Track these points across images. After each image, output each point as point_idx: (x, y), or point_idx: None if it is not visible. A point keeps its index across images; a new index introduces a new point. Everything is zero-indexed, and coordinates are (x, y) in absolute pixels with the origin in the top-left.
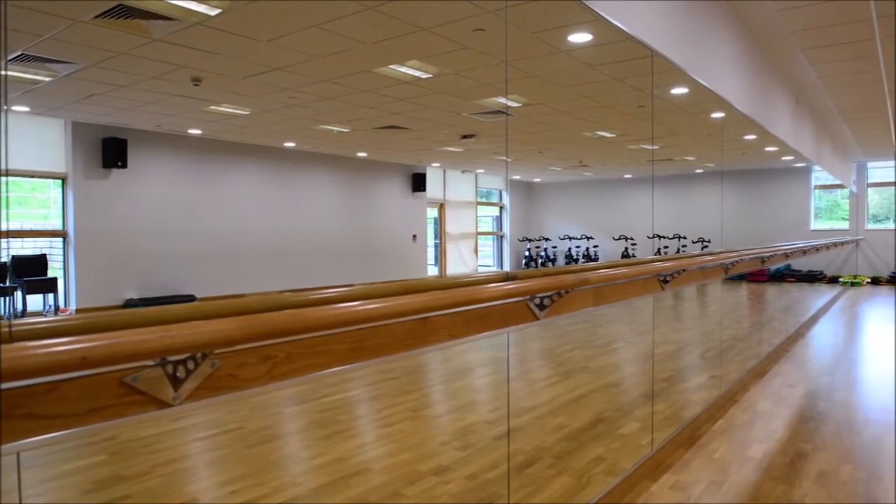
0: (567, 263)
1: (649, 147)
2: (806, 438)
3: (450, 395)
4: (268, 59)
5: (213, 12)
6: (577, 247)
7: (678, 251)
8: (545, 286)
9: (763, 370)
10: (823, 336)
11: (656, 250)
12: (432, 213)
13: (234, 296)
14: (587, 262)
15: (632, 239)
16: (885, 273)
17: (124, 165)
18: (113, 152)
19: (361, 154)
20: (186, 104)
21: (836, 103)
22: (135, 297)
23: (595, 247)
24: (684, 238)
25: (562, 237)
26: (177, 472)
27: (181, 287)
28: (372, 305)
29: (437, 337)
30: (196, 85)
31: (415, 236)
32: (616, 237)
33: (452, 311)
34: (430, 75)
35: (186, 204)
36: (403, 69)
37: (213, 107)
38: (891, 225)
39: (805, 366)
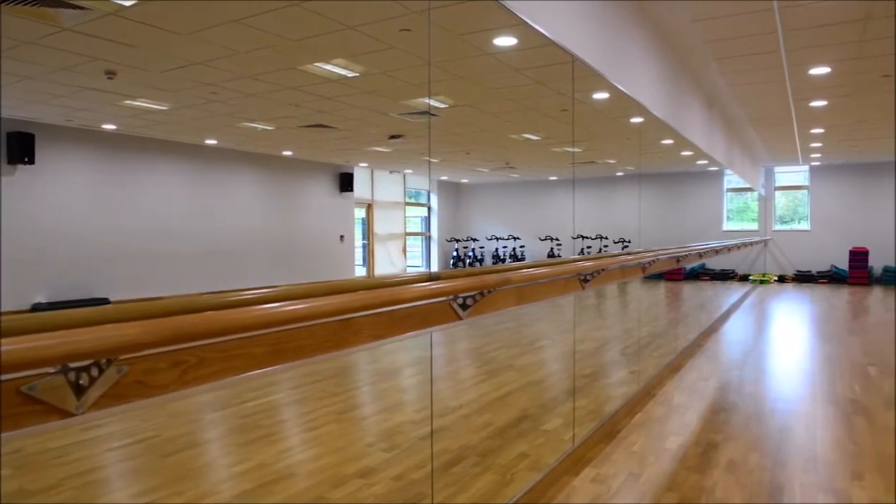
0: (494, 263)
1: (575, 150)
2: (717, 429)
3: (376, 396)
4: (187, 54)
5: (128, 3)
6: (504, 247)
7: (600, 251)
8: (468, 286)
9: (679, 365)
10: (735, 331)
11: (580, 250)
12: (360, 213)
13: (152, 299)
14: (514, 262)
15: (557, 239)
16: (790, 271)
17: (31, 161)
18: (18, 148)
19: (287, 152)
20: (100, 98)
21: (746, 111)
22: (43, 301)
23: (522, 247)
24: (606, 238)
25: (489, 237)
26: (88, 484)
27: (95, 290)
28: (291, 307)
29: (359, 338)
30: (110, 78)
31: (342, 237)
32: (542, 238)
33: (375, 311)
34: (357, 74)
35: (101, 202)
36: (329, 67)
37: (128, 101)
38: (796, 226)
39: (717, 360)
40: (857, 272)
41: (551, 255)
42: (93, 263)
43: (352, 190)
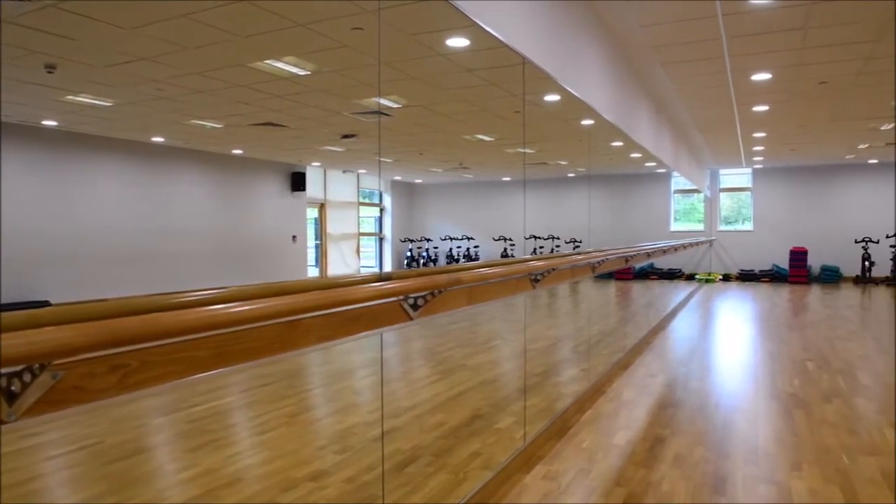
0: (448, 263)
1: (527, 151)
2: (665, 424)
3: (329, 398)
4: (131, 48)
5: None
6: (459, 247)
7: (552, 251)
8: (419, 286)
9: (628, 362)
10: (681, 329)
11: (533, 250)
12: (312, 213)
13: (95, 301)
14: (468, 262)
15: (511, 240)
16: (734, 270)
17: None
18: None
19: (237, 151)
20: (39, 92)
21: (692, 115)
22: None
23: (476, 247)
24: (558, 239)
25: (443, 238)
26: (27, 494)
27: (33, 292)
28: (236, 308)
29: (307, 340)
30: (50, 72)
31: (294, 237)
32: (496, 238)
33: (324, 312)
34: (308, 72)
35: (40, 201)
36: (280, 65)
37: (70, 96)
38: (740, 227)
39: (665, 357)
40: (797, 271)
41: (505, 255)
42: (32, 265)
43: (304, 189)
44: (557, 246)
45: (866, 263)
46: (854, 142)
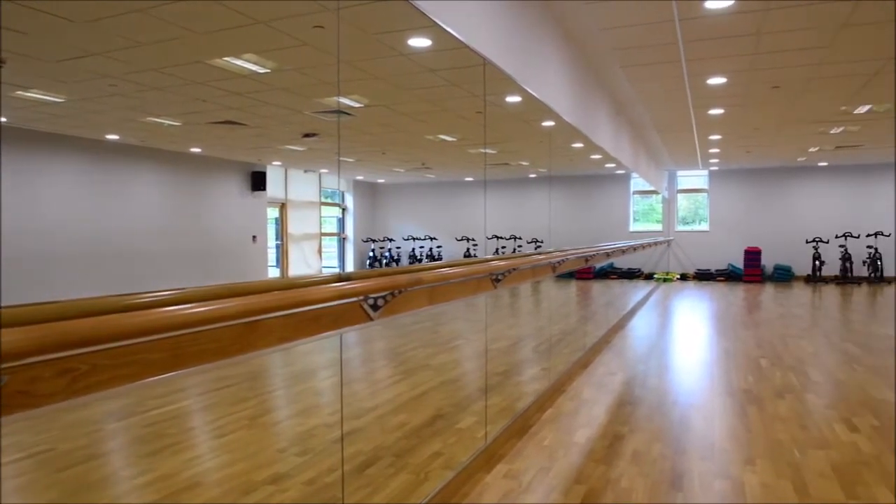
0: (411, 263)
1: (489, 151)
2: (623, 422)
3: (290, 399)
4: (85, 43)
5: None
6: (421, 247)
7: (514, 251)
8: (379, 286)
9: (588, 361)
10: (640, 328)
11: (495, 250)
12: (273, 213)
13: (45, 303)
14: (431, 262)
15: (473, 240)
16: (691, 270)
17: None
18: None
19: (195, 149)
20: None
21: (651, 117)
22: None
23: (439, 247)
24: (520, 239)
25: (406, 238)
26: None
27: None
28: (190, 310)
29: (266, 341)
30: None
31: (255, 237)
32: (459, 238)
33: (283, 313)
34: (269, 70)
35: None
36: (239, 62)
37: (20, 92)
38: (697, 227)
39: (624, 355)
40: (751, 270)
41: (468, 255)
42: None
43: (264, 189)
44: (519, 246)
45: (817, 263)
46: (805, 145)
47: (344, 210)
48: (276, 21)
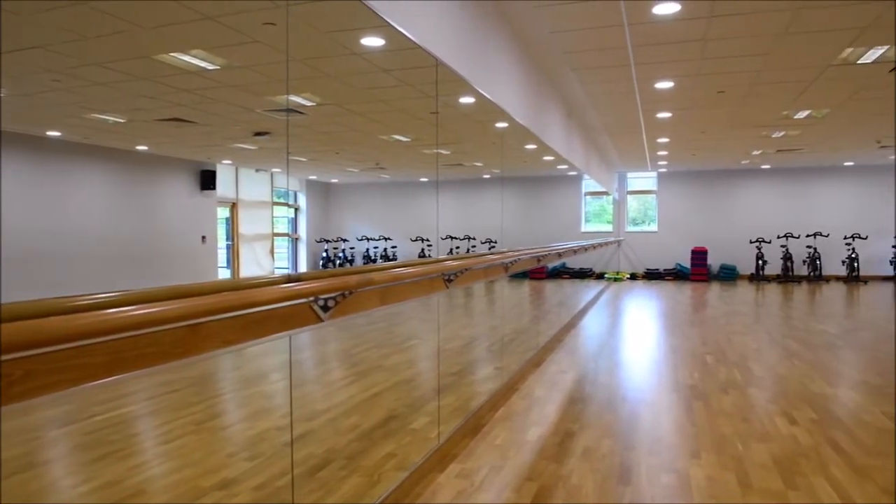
0: (365, 264)
1: (443, 152)
2: (574, 419)
3: (240, 403)
4: (23, 36)
5: None
6: (376, 248)
7: (468, 251)
8: (329, 287)
9: (540, 360)
10: (591, 326)
11: (449, 250)
12: (224, 212)
13: None
14: (385, 262)
15: (428, 240)
16: (641, 269)
17: None
18: None
19: (142, 147)
20: None
21: (601, 120)
22: None
23: (394, 248)
24: (474, 239)
25: (360, 238)
26: None
27: None
28: (131, 312)
29: (210, 344)
30: None
31: (204, 237)
32: (413, 238)
33: (228, 315)
34: (218, 67)
35: None
36: (187, 58)
37: None
38: (646, 227)
39: (575, 353)
40: (698, 269)
41: (422, 255)
42: None
43: (214, 188)
44: (473, 246)
45: (760, 262)
46: (748, 148)
47: (297, 210)
48: (225, 17)
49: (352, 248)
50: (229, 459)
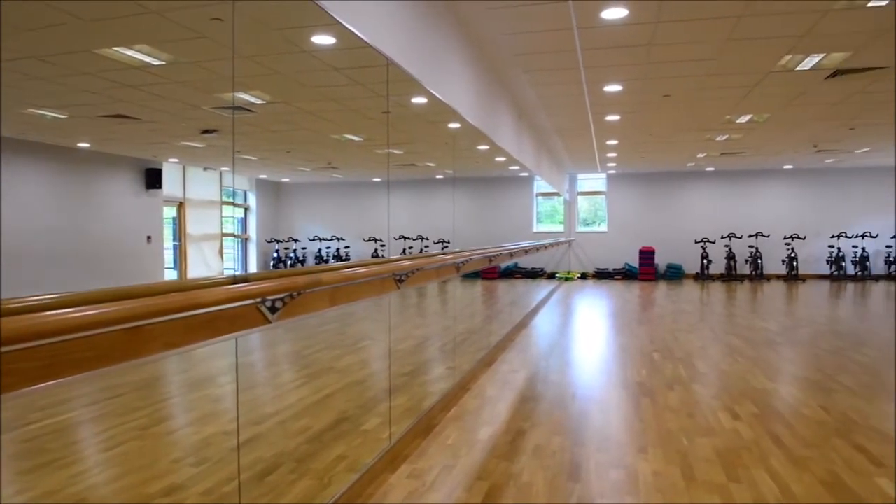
0: (317, 264)
1: (395, 151)
2: (525, 417)
3: (186, 407)
4: None
5: None
6: (328, 248)
7: (421, 251)
8: (276, 288)
9: (492, 359)
10: (542, 325)
11: (402, 250)
12: (170, 212)
13: None
14: (337, 263)
15: (381, 240)
16: (591, 269)
17: None
18: None
19: (84, 144)
20: None
21: (552, 121)
22: None
23: (346, 248)
24: (427, 239)
25: (312, 238)
26: None
27: None
28: (67, 315)
29: (151, 347)
30: None
31: (149, 238)
32: (366, 238)
33: (170, 317)
34: (163, 63)
35: None
36: (131, 53)
37: None
38: (596, 228)
39: (527, 352)
40: (646, 269)
41: (375, 255)
42: None
43: (160, 187)
44: (426, 246)
45: (705, 262)
46: (694, 151)
47: (246, 210)
48: (171, 11)
49: (303, 249)
50: (175, 465)
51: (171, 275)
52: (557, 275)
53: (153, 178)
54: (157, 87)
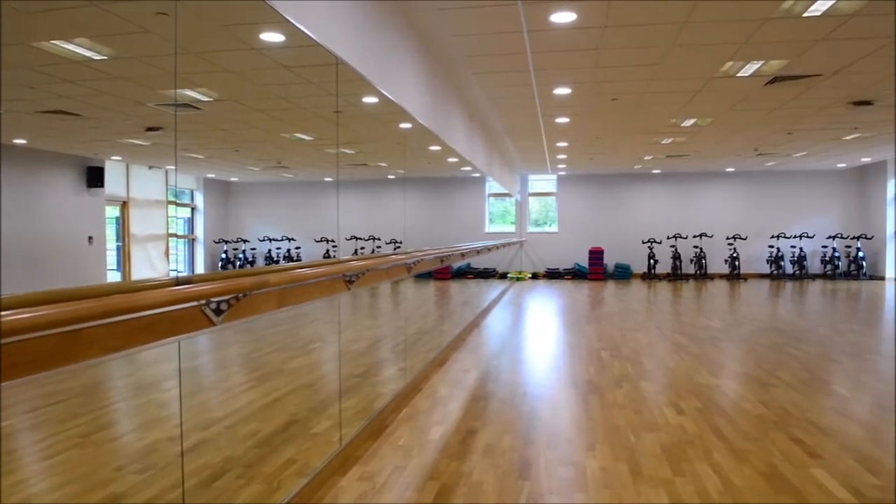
0: (267, 265)
1: (347, 151)
2: (476, 417)
3: (130, 413)
4: None
5: None
6: (279, 249)
7: (373, 251)
8: (221, 290)
9: (444, 359)
10: (494, 325)
11: (354, 251)
12: (113, 212)
13: None
14: (288, 263)
15: (333, 241)
16: (542, 269)
17: None
18: None
19: (19, 141)
20: None
21: (503, 123)
22: None
23: (297, 248)
24: (379, 239)
25: (262, 239)
26: None
27: None
28: None
29: (90, 352)
30: None
31: (91, 238)
32: (318, 239)
33: (110, 321)
34: (105, 57)
35: None
36: (70, 47)
37: None
38: (547, 228)
39: (478, 352)
40: (595, 269)
41: (327, 256)
42: None
43: (102, 186)
44: (378, 247)
45: (652, 261)
46: (641, 153)
47: (193, 210)
48: (113, 4)
49: (253, 249)
50: (117, 473)
51: (114, 276)
52: (509, 275)
53: (95, 177)
54: (98, 83)
